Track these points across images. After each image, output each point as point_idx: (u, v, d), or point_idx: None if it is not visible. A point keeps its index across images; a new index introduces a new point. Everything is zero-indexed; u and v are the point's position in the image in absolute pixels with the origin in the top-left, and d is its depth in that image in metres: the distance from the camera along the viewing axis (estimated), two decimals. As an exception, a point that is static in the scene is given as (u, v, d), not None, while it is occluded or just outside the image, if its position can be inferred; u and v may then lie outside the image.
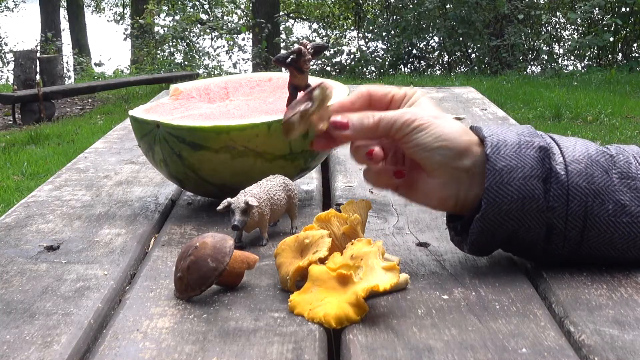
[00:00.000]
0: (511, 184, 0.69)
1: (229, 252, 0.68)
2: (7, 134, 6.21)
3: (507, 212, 0.70)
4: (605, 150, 0.73)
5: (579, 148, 0.72)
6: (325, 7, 11.69)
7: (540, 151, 0.70)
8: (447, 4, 9.73)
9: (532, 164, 0.70)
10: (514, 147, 0.70)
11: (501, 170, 0.69)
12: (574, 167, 0.70)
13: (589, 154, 0.71)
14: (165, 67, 10.22)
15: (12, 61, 10.03)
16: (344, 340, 0.61)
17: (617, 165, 0.71)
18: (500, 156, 0.70)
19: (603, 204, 0.70)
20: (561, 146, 0.72)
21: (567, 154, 0.71)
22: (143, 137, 0.96)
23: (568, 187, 0.69)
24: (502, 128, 0.73)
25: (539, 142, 0.71)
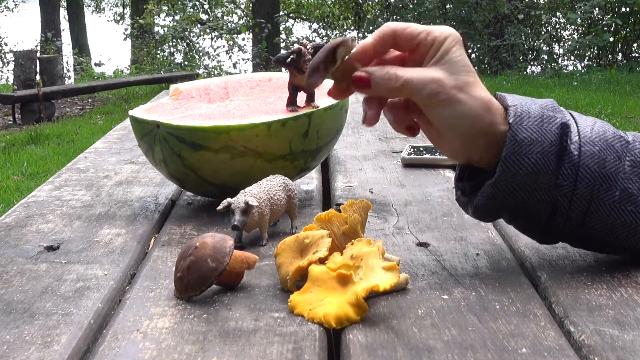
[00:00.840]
0: (529, 156, 0.69)
1: (229, 252, 0.68)
2: (7, 134, 6.21)
3: (519, 183, 0.70)
4: (622, 135, 0.72)
5: (597, 129, 0.72)
6: (325, 7, 11.69)
7: (561, 128, 0.70)
8: (447, 4, 9.73)
9: (552, 140, 0.69)
10: (537, 120, 0.70)
11: (522, 142, 0.69)
12: (588, 148, 0.70)
13: (606, 137, 0.71)
14: (165, 67, 10.23)
15: (12, 61, 10.03)
16: (344, 340, 0.61)
17: (631, 153, 0.71)
18: (523, 127, 0.69)
19: (610, 189, 0.70)
20: (579, 125, 0.71)
21: (583, 134, 0.71)
22: (143, 137, 0.96)
23: (578, 168, 0.69)
24: (526, 99, 0.72)
25: (561, 118, 0.71)
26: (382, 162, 1.25)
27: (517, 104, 0.71)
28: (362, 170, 1.19)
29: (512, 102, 0.71)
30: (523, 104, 0.71)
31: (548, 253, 0.80)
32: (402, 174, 1.16)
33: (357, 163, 1.24)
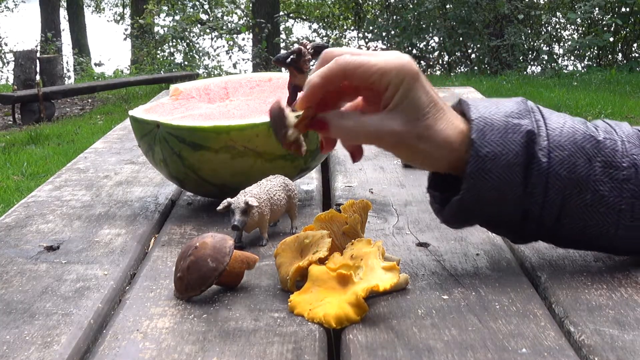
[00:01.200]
0: (493, 171, 0.68)
1: (229, 252, 0.68)
2: (7, 134, 6.21)
3: (486, 198, 0.69)
4: (593, 134, 0.71)
5: (567, 131, 0.70)
6: (325, 7, 11.69)
7: (526, 136, 0.69)
8: (447, 4, 9.73)
9: (517, 151, 0.68)
10: (501, 131, 0.68)
11: (485, 157, 0.67)
12: (557, 154, 0.69)
13: (575, 140, 0.70)
14: (165, 67, 10.22)
15: (12, 61, 10.03)
16: (344, 340, 0.61)
17: (602, 153, 0.70)
18: (486, 142, 0.68)
19: (581, 193, 0.69)
20: (549, 127, 0.70)
21: (552, 138, 0.69)
22: (143, 137, 0.96)
23: (548, 176, 0.68)
24: (491, 107, 0.70)
25: (527, 125, 0.69)
26: (382, 162, 1.25)
27: (480, 117, 0.69)
28: (362, 170, 1.19)
29: (474, 115, 0.69)
30: (486, 116, 0.69)
31: (548, 253, 0.80)
32: (402, 174, 1.16)
33: (357, 163, 1.24)
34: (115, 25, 16.58)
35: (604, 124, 0.74)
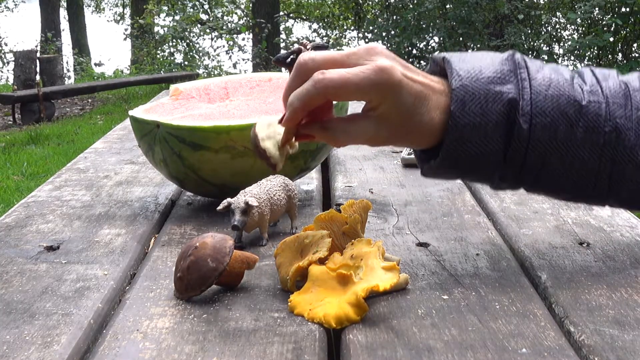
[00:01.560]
0: (472, 141, 0.68)
1: (229, 252, 0.68)
2: (7, 134, 6.21)
3: (462, 166, 0.69)
4: (577, 98, 0.70)
5: (551, 93, 0.69)
6: (325, 7, 11.69)
7: (508, 104, 0.68)
8: (447, 4, 9.73)
9: (497, 120, 0.68)
10: (481, 101, 0.67)
11: (463, 128, 0.67)
12: (539, 120, 0.68)
13: (559, 105, 0.69)
14: (165, 67, 10.23)
15: (12, 61, 10.03)
16: (344, 340, 0.61)
17: (584, 118, 0.70)
18: (465, 112, 0.67)
19: (561, 157, 0.70)
20: (533, 91, 0.69)
21: (535, 103, 0.68)
22: (143, 137, 0.96)
23: (528, 141, 0.68)
24: (475, 68, 0.69)
25: (510, 92, 0.68)
26: (382, 162, 1.25)
27: (461, 86, 0.68)
28: (362, 170, 1.19)
29: (455, 84, 0.68)
30: (467, 84, 0.68)
31: (548, 253, 0.80)
32: (402, 174, 1.16)
33: (357, 163, 1.24)
34: (115, 25, 16.58)
35: (591, 76, 0.73)
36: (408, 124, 0.67)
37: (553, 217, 0.93)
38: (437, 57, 0.72)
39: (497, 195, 1.03)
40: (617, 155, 0.70)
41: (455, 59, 0.70)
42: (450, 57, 0.70)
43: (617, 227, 0.89)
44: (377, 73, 0.64)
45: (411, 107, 0.66)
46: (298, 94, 0.66)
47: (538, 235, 0.86)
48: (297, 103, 0.66)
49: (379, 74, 0.64)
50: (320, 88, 0.64)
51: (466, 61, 0.70)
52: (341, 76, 0.64)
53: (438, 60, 0.72)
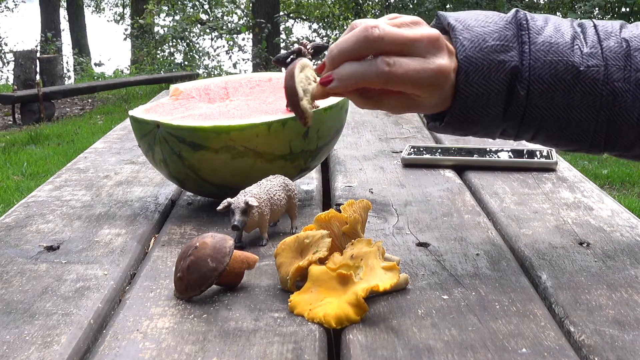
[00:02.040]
0: (474, 109, 0.70)
1: (229, 252, 0.68)
2: (7, 134, 6.21)
3: (465, 128, 0.73)
4: (576, 63, 0.71)
5: (550, 59, 0.70)
6: (325, 7, 11.69)
7: (511, 73, 0.70)
8: (447, 4, 9.73)
9: (499, 89, 0.70)
10: (484, 72, 0.69)
11: (466, 99, 0.70)
12: (537, 87, 0.70)
13: (557, 72, 0.70)
14: (165, 67, 10.23)
15: (12, 61, 10.04)
16: (344, 340, 0.61)
17: (582, 84, 0.71)
18: (469, 83, 0.69)
19: (558, 120, 0.72)
20: (532, 57, 0.70)
21: (533, 70, 0.70)
22: (143, 137, 0.96)
23: (526, 107, 0.71)
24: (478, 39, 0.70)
25: (512, 60, 0.70)
26: (382, 162, 1.25)
27: (465, 57, 0.69)
28: (362, 170, 1.19)
29: (459, 55, 0.69)
30: (471, 55, 0.69)
31: (548, 253, 0.80)
32: (402, 174, 1.16)
33: (357, 163, 1.24)
34: (115, 25, 16.58)
35: (593, 34, 0.73)
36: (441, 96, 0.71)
37: (553, 217, 0.93)
38: (443, 20, 0.73)
39: (497, 195, 1.03)
40: (613, 116, 0.72)
41: (460, 26, 0.71)
42: (455, 23, 0.71)
43: (617, 227, 0.89)
44: (438, 77, 0.67)
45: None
46: (354, 73, 0.67)
47: (538, 235, 0.86)
48: (350, 81, 0.67)
49: (439, 78, 0.68)
50: (382, 78, 0.66)
51: (469, 28, 0.71)
52: (405, 74, 0.66)
53: (443, 21, 0.73)
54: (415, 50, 0.67)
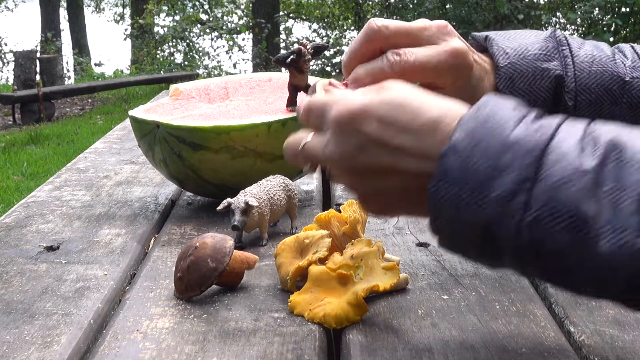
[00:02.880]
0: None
1: (229, 252, 0.68)
2: (7, 134, 6.21)
3: None
4: (620, 74, 0.70)
5: (595, 70, 0.70)
6: (325, 7, 11.68)
7: (555, 81, 0.69)
8: (447, 4, 9.73)
9: (545, 97, 0.69)
10: (529, 78, 0.68)
11: None
12: (584, 97, 0.69)
13: (603, 81, 0.70)
14: (165, 67, 10.23)
15: (12, 61, 10.03)
16: (344, 340, 0.61)
17: (628, 94, 0.70)
18: (514, 89, 0.68)
19: None
20: (576, 67, 0.70)
21: (580, 80, 0.69)
22: (143, 137, 0.96)
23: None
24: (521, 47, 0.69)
25: (556, 68, 0.69)
26: (382, 162, 1.24)
27: (509, 64, 0.68)
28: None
29: (503, 62, 0.68)
30: (515, 61, 0.68)
31: (548, 253, 0.80)
32: (402, 174, 1.16)
33: (357, 163, 1.24)
34: (115, 25, 16.57)
35: (632, 52, 0.73)
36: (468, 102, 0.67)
37: (553, 217, 0.93)
38: (478, 36, 0.72)
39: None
40: None
41: (500, 38, 0.70)
42: (494, 36, 0.71)
43: (617, 227, 0.89)
44: (454, 56, 0.64)
45: (474, 88, 0.67)
46: (370, 71, 0.64)
47: (538, 235, 0.86)
48: (367, 80, 0.64)
49: (456, 57, 0.64)
50: (397, 70, 0.63)
51: (511, 39, 0.70)
52: (419, 59, 0.63)
53: (479, 39, 0.72)
54: (425, 38, 0.65)
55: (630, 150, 0.48)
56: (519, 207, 0.48)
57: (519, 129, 0.50)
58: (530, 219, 0.48)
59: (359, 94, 0.55)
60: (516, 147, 0.49)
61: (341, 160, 0.54)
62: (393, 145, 0.53)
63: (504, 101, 0.53)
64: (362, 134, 0.53)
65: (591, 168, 0.48)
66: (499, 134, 0.50)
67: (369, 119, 0.53)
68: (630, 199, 0.46)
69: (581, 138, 0.49)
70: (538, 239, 0.48)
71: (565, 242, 0.48)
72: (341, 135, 0.54)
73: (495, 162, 0.49)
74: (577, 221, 0.47)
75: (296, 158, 0.59)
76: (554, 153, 0.48)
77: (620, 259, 0.46)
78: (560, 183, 0.48)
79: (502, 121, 0.51)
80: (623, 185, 0.47)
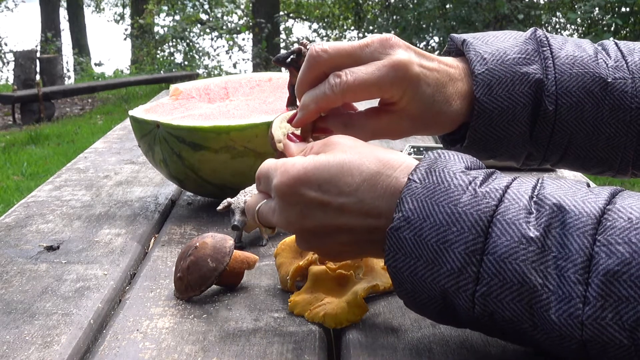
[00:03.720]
0: (499, 125, 0.67)
1: (229, 252, 0.68)
2: (7, 134, 6.21)
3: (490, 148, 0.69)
4: (602, 75, 0.68)
5: (576, 72, 0.68)
6: (325, 7, 11.68)
7: (535, 85, 0.67)
8: (447, 4, 9.73)
9: (525, 102, 0.67)
10: (507, 84, 0.66)
11: (491, 113, 0.66)
12: (565, 101, 0.67)
13: (584, 84, 0.68)
14: (165, 67, 10.23)
15: (12, 61, 10.04)
16: (344, 340, 0.61)
17: (610, 96, 0.68)
18: (492, 96, 0.66)
19: (587, 135, 0.69)
20: (557, 70, 0.68)
21: (560, 83, 0.67)
22: (143, 137, 0.96)
23: (554, 122, 0.68)
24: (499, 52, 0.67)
25: (535, 72, 0.67)
26: (382, 162, 1.24)
27: (486, 70, 0.66)
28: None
29: (480, 68, 0.66)
30: (493, 68, 0.66)
31: (548, 253, 0.80)
32: (402, 174, 1.16)
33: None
34: (115, 25, 16.57)
35: (616, 50, 0.71)
36: (428, 114, 0.66)
37: (553, 217, 0.93)
38: (456, 39, 0.71)
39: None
40: None
41: (478, 42, 0.68)
42: (472, 40, 0.69)
43: (617, 227, 0.89)
44: (395, 69, 0.63)
45: (430, 97, 0.65)
46: (314, 97, 0.64)
47: (538, 235, 0.86)
48: (312, 106, 0.64)
49: (397, 70, 0.63)
50: (338, 92, 0.63)
51: (489, 43, 0.68)
52: (359, 77, 0.63)
53: (457, 41, 0.71)
54: (366, 56, 0.64)
55: (574, 213, 0.49)
56: (470, 280, 0.51)
57: (466, 198, 0.52)
58: (482, 290, 0.50)
59: (299, 160, 0.58)
60: (463, 219, 0.51)
61: (289, 225, 0.58)
62: (335, 206, 0.55)
63: (452, 161, 0.55)
64: (304, 198, 0.56)
65: (536, 237, 0.49)
66: (447, 203, 0.52)
67: (309, 185, 0.56)
68: (574, 267, 0.48)
69: (527, 203, 0.51)
70: (491, 310, 0.51)
71: (517, 312, 0.50)
72: (285, 203, 0.57)
73: (444, 236, 0.51)
74: (526, 292, 0.49)
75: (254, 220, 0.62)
76: (499, 223, 0.50)
77: (570, 327, 0.48)
78: (507, 255, 0.49)
79: (449, 190, 0.52)
80: (567, 253, 0.48)
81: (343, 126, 0.66)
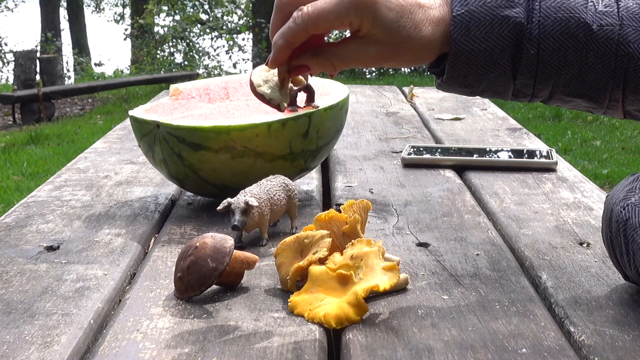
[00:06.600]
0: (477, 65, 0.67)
1: (229, 252, 0.68)
2: (7, 134, 6.21)
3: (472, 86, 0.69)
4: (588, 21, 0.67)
5: (561, 16, 0.67)
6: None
7: (514, 29, 0.66)
8: (447, 4, 9.72)
9: (503, 45, 0.67)
10: (486, 26, 0.66)
11: (468, 54, 0.66)
12: (547, 45, 0.67)
13: (568, 29, 0.67)
14: (165, 67, 10.23)
15: (12, 61, 10.04)
16: (344, 340, 0.61)
17: (595, 43, 0.67)
18: (469, 38, 0.66)
19: (573, 76, 0.68)
20: (542, 13, 0.67)
21: (543, 27, 0.67)
22: (143, 137, 0.96)
23: (537, 65, 0.67)
24: None
25: (517, 16, 0.67)
26: (382, 162, 1.24)
27: (467, 11, 0.66)
28: (362, 170, 1.19)
29: (460, 9, 0.67)
30: (474, 10, 0.66)
31: (548, 253, 0.80)
32: (402, 174, 1.16)
33: (357, 163, 1.24)
34: (115, 25, 16.57)
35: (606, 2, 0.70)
36: (395, 40, 0.67)
37: (553, 217, 0.93)
38: None
39: (497, 195, 1.03)
40: (629, 77, 0.68)
41: None
42: None
43: (617, 227, 0.89)
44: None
45: (394, 22, 0.66)
46: (281, 33, 0.68)
47: (538, 235, 0.86)
48: (280, 41, 0.68)
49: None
50: (300, 23, 0.66)
51: None
52: (317, 8, 0.66)
53: None
54: None
55: None
56: None
57: None
58: None
59: None
60: None
61: None
62: None
63: None
64: None
65: None
66: None
67: None
68: None
69: None
70: None
71: None
72: None
73: None
74: None
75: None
76: None
77: None
78: None
79: None
80: None
81: (314, 55, 0.69)
